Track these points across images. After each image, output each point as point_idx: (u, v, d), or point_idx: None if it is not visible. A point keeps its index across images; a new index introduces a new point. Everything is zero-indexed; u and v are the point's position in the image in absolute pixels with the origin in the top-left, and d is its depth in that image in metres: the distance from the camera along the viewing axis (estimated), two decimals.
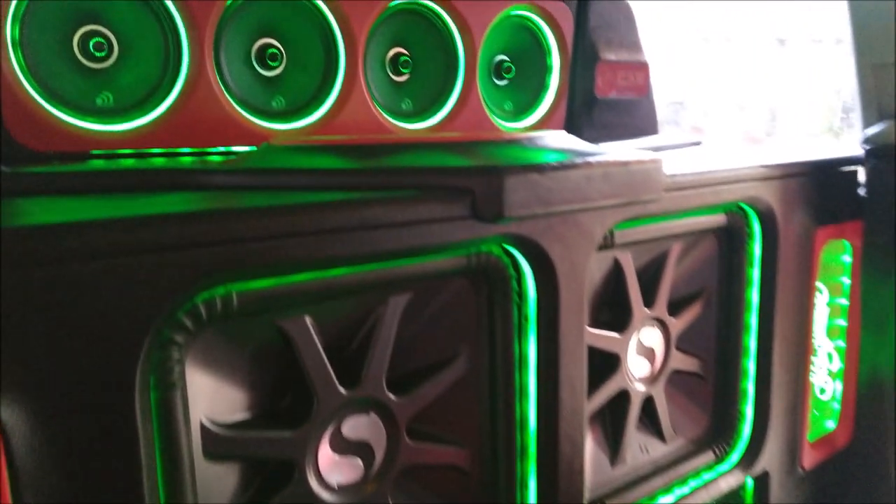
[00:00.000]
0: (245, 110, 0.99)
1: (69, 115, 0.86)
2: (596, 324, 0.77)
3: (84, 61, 0.87)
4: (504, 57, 1.25)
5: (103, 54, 0.87)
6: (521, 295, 0.74)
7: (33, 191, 0.67)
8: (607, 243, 0.71)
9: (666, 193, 0.79)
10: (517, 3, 1.22)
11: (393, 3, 1.09)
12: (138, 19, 0.90)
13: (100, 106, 0.89)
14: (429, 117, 1.18)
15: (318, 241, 0.52)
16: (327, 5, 1.03)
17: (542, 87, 1.30)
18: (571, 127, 1.31)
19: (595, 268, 0.75)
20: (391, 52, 1.14)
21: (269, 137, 0.98)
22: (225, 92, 0.97)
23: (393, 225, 0.56)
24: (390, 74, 1.14)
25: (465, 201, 0.60)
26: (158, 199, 0.60)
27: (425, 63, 1.16)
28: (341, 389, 0.59)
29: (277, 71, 1.02)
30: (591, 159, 0.70)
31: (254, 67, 1.00)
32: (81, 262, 0.43)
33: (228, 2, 0.95)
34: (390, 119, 1.12)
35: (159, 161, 0.84)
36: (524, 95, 1.30)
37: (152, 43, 0.91)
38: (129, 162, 0.83)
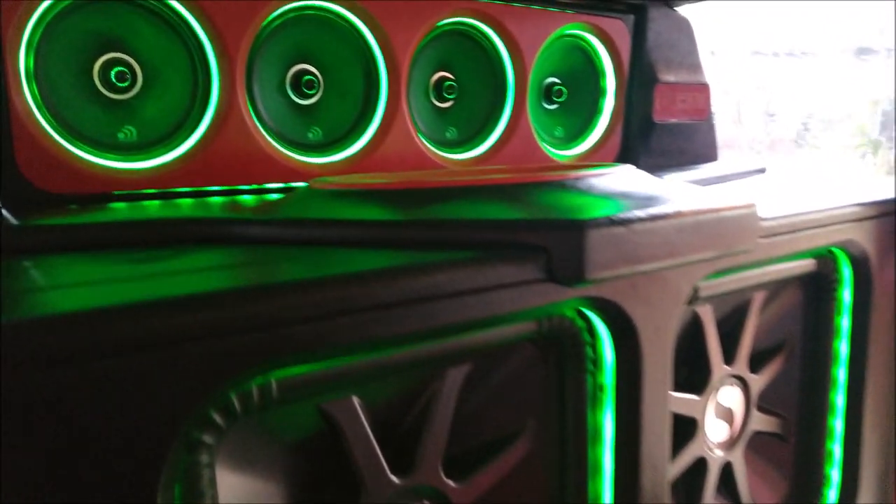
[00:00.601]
0: (279, 143, 0.90)
1: (88, 152, 0.78)
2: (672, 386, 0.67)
3: (105, 92, 0.79)
4: (555, 79, 1.16)
5: (126, 84, 0.79)
6: (597, 362, 0.64)
7: (46, 247, 0.58)
8: (691, 298, 0.61)
9: (759, 241, 0.69)
10: (571, 21, 1.12)
11: (441, 24, 1.00)
12: (164, 45, 0.82)
13: (122, 141, 0.81)
14: (475, 146, 1.09)
15: (372, 317, 0.43)
16: (368, 27, 0.94)
17: (595, 112, 1.21)
18: (626, 153, 1.21)
19: None
20: (435, 77, 1.05)
21: (305, 173, 0.89)
22: (258, 123, 0.88)
23: (457, 294, 0.47)
24: (434, 101, 1.05)
25: (539, 262, 0.51)
26: (188, 258, 0.52)
27: (471, 88, 1.07)
28: (392, 478, 0.50)
29: (314, 99, 0.93)
30: (679, 207, 0.60)
31: (288, 96, 0.92)
32: (96, 360, 0.34)
33: (263, 23, 0.87)
34: (434, 149, 1.03)
35: (187, 204, 0.75)
36: (576, 120, 1.21)
37: (179, 71, 0.83)
38: (155, 205, 0.75)
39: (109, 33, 0.79)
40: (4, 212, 0.60)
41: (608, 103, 1.19)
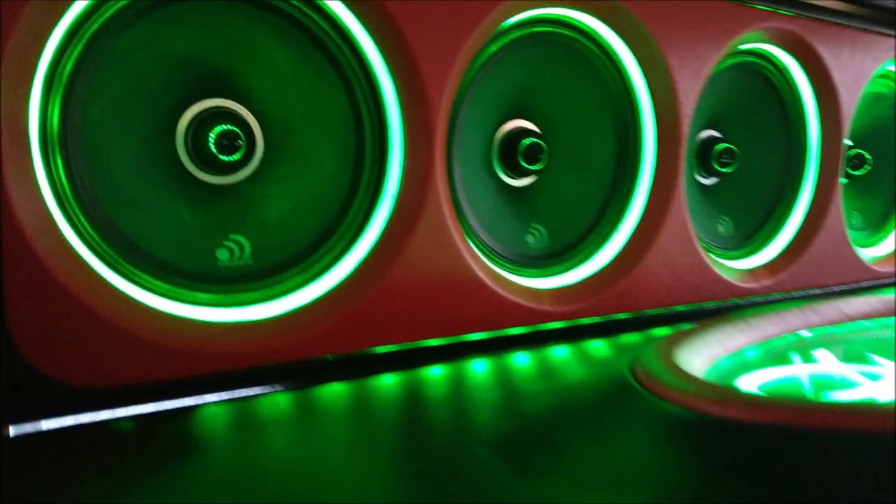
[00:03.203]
0: (494, 260, 0.49)
1: (160, 292, 0.38)
2: None
3: (197, 172, 0.40)
4: (849, 142, 0.74)
5: (236, 158, 0.39)
6: None
7: None
8: None
9: None
10: (893, 55, 0.70)
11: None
12: (305, 85, 0.42)
13: (224, 267, 0.41)
14: (759, 246, 0.70)
15: None
16: (639, 56, 0.54)
17: None
18: None
19: None
20: (701, 137, 0.64)
21: (528, 311, 0.48)
22: (462, 229, 0.48)
23: None
24: (698, 174, 0.64)
25: None
26: None
27: (750, 153, 0.67)
28: None
29: (532, 178, 0.53)
30: None
31: (495, 173, 0.52)
32: None
33: (486, 51, 0.47)
34: (705, 251, 0.61)
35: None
36: (878, 201, 0.78)
37: (331, 133, 0.43)
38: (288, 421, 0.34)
39: (207, 62, 0.40)
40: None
41: None
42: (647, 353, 0.39)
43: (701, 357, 0.40)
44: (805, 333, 0.49)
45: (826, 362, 0.42)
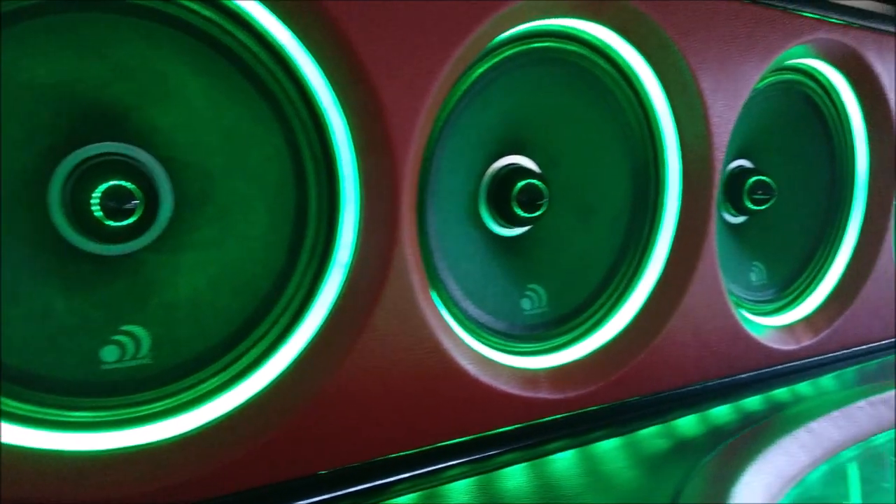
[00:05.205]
0: (479, 335, 0.39)
1: (17, 416, 0.27)
2: None
3: (76, 239, 0.29)
4: None
5: (129, 222, 0.28)
6: None
7: None
8: None
9: None
10: None
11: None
12: (227, 122, 0.31)
13: (111, 370, 0.30)
14: (798, 297, 0.58)
15: None
16: (662, 74, 0.43)
17: None
18: None
19: None
20: (730, 168, 0.53)
21: (526, 404, 0.38)
22: (435, 299, 0.37)
23: None
24: (726, 212, 0.54)
25: None
26: None
27: (786, 188, 0.55)
28: None
29: (526, 226, 0.42)
30: None
31: (484, 224, 0.41)
32: None
33: (470, 74, 0.36)
34: (736, 309, 0.51)
35: None
36: None
37: (263, 182, 0.33)
38: None
39: (92, 95, 0.29)
40: None
41: None
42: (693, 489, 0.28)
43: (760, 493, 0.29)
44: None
45: None
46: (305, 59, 0.33)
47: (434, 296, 0.39)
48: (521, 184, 0.42)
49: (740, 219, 0.57)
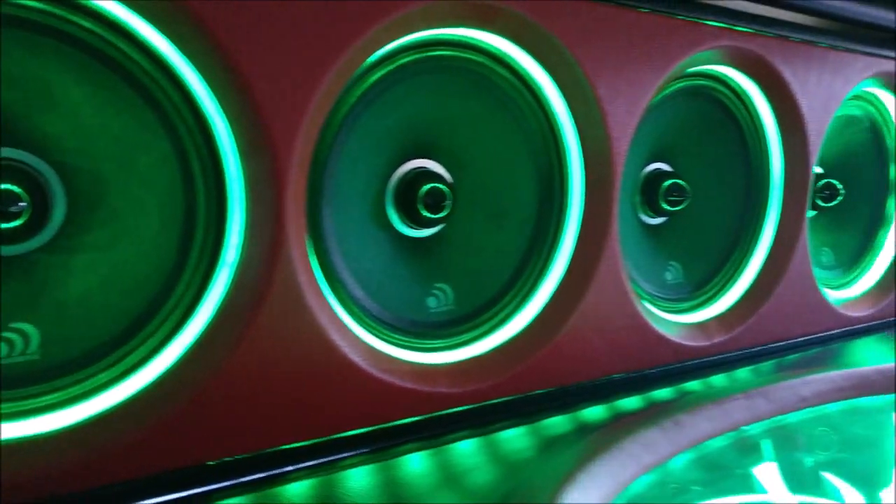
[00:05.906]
0: (386, 336, 0.41)
1: None
2: None
3: None
4: (819, 170, 0.65)
5: (17, 224, 0.30)
6: None
7: None
8: None
9: None
10: (869, 74, 0.62)
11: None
12: (114, 129, 0.33)
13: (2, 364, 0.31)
14: (715, 295, 0.60)
15: None
16: (565, 83, 0.45)
17: (880, 221, 0.69)
18: None
19: None
20: (646, 171, 0.55)
21: (427, 397, 0.39)
22: (332, 298, 0.38)
23: None
24: (643, 214, 0.56)
25: None
26: None
27: (702, 189, 0.58)
28: None
29: (436, 228, 0.44)
30: None
31: (390, 225, 0.43)
32: None
33: (356, 72, 0.37)
34: (650, 307, 0.53)
35: None
36: (852, 236, 0.69)
37: (153, 186, 0.35)
38: None
39: None
40: None
41: None
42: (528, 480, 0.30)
43: (603, 486, 0.31)
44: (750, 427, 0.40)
45: (774, 493, 0.33)
46: (185, 65, 0.34)
47: (331, 294, 0.41)
48: (426, 187, 0.44)
49: (658, 220, 0.59)
